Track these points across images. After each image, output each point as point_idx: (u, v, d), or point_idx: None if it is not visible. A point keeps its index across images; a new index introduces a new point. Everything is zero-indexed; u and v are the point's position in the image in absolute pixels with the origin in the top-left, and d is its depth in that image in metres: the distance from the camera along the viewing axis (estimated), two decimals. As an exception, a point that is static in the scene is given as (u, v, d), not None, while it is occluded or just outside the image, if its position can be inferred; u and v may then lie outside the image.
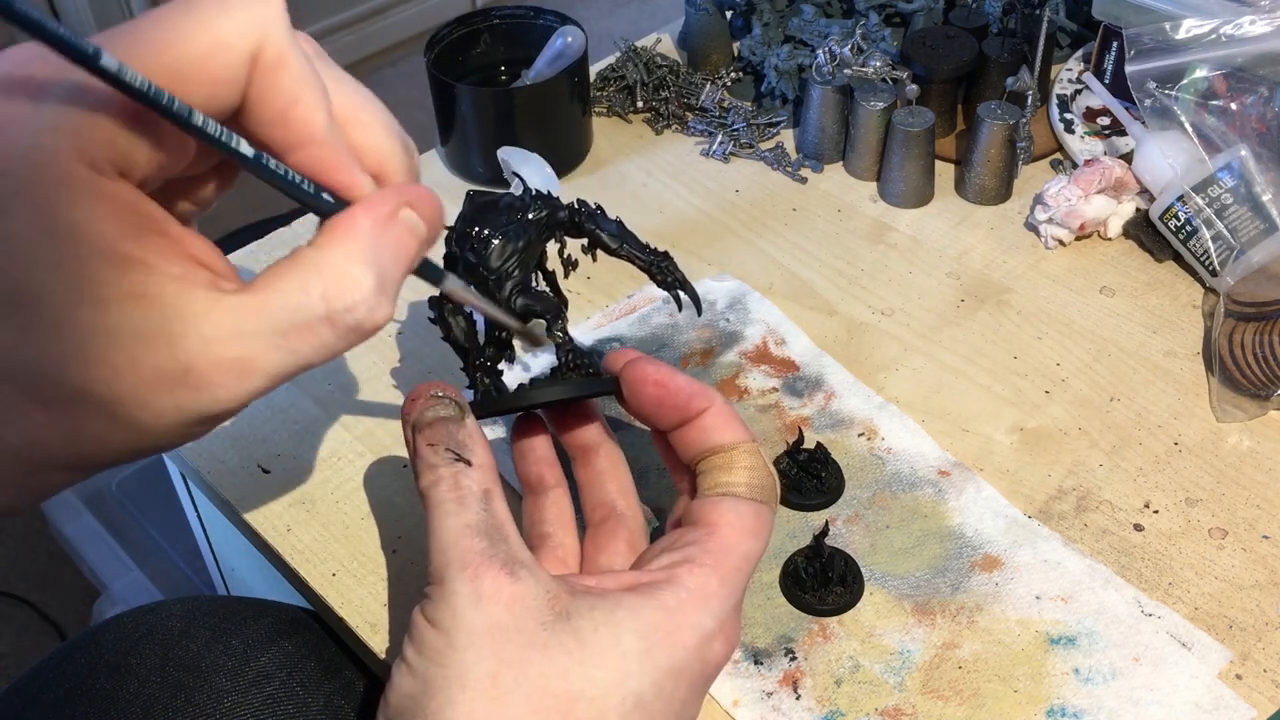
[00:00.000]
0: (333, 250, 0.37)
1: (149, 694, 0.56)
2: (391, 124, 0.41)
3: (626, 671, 0.41)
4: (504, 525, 0.44)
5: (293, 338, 0.36)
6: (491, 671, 0.40)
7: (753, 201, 0.81)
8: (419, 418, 0.47)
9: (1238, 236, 0.70)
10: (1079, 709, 0.53)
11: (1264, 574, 0.58)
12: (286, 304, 0.36)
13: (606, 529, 0.51)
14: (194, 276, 0.35)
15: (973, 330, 0.71)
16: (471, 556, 0.42)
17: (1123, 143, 0.80)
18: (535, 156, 0.72)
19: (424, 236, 0.40)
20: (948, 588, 0.58)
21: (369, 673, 0.60)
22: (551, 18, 0.85)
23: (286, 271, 0.36)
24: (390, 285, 0.38)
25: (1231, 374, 0.66)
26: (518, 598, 0.41)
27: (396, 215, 0.38)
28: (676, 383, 0.48)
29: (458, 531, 0.43)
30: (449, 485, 0.44)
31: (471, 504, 0.44)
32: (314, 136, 0.37)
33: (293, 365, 0.37)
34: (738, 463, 0.47)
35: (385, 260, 0.38)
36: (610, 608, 0.42)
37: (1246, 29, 0.74)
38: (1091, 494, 0.62)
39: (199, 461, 0.65)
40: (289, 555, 0.60)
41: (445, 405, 0.47)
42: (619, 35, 0.94)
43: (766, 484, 0.47)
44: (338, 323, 0.36)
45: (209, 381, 0.35)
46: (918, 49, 0.82)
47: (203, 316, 0.34)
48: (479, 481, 0.45)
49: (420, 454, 0.46)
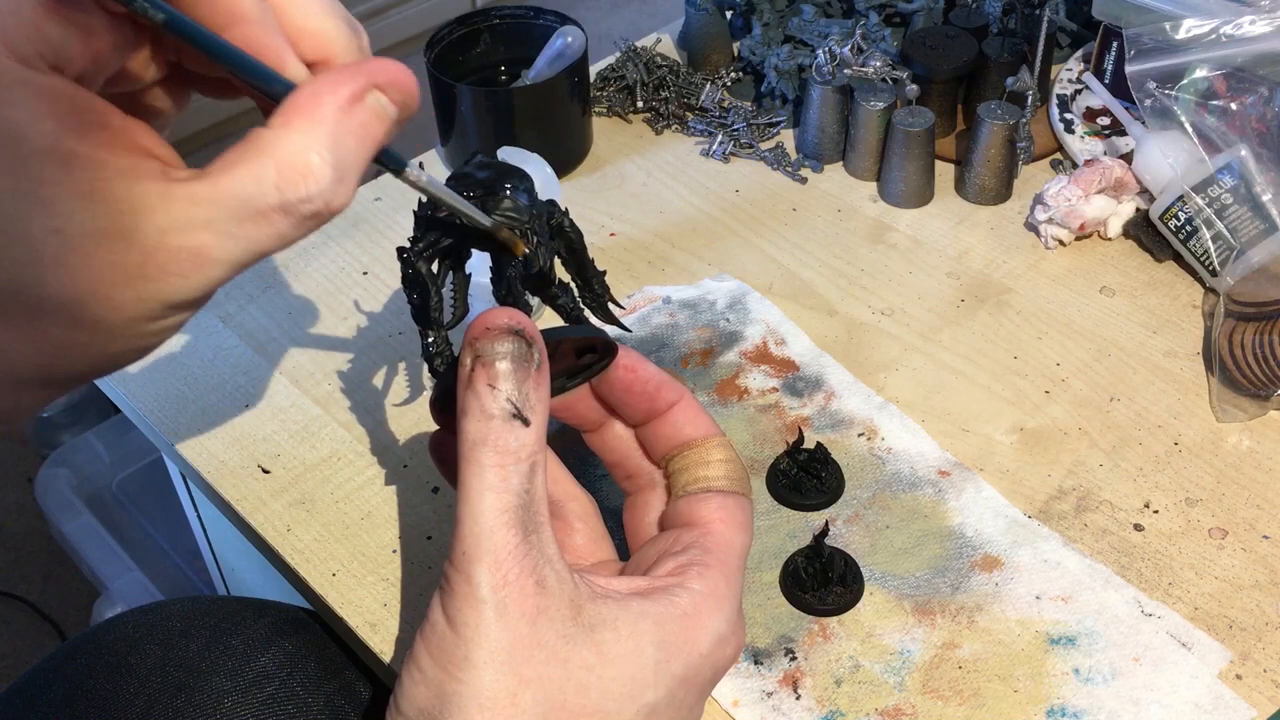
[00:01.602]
0: (290, 135, 0.35)
1: (149, 694, 0.56)
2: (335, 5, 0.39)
3: (644, 683, 0.40)
4: (540, 511, 0.40)
5: (248, 226, 0.34)
6: (511, 690, 0.39)
7: (753, 201, 0.81)
8: (490, 349, 0.40)
9: (1238, 236, 0.70)
10: (1079, 709, 0.53)
11: (1264, 574, 0.58)
12: (240, 192, 0.34)
13: (650, 497, 0.49)
14: (142, 168, 0.34)
15: (973, 330, 0.71)
16: (504, 554, 0.39)
17: (1123, 143, 0.80)
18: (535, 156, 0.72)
19: (393, 119, 0.37)
20: (948, 588, 0.58)
21: (369, 673, 0.60)
22: (551, 18, 0.85)
23: (241, 156, 0.34)
24: (351, 172, 0.36)
25: (1231, 374, 0.66)
26: (542, 610, 0.39)
27: (363, 98, 0.36)
28: (646, 370, 0.46)
29: (495, 515, 0.39)
30: (496, 448, 0.39)
31: (514, 478, 0.39)
32: (241, 13, 0.35)
33: (250, 253, 0.35)
34: (713, 456, 0.46)
35: (347, 147, 0.35)
36: (632, 619, 0.41)
37: (1246, 29, 0.74)
38: (1091, 494, 0.62)
39: (199, 461, 0.65)
40: (289, 555, 0.60)
41: (522, 345, 0.41)
42: (619, 35, 0.94)
43: (741, 475, 0.47)
44: (293, 211, 0.35)
45: (167, 271, 0.34)
46: (918, 49, 0.82)
47: (155, 208, 0.33)
48: (530, 448, 0.40)
49: (478, 392, 0.40)
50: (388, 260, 0.77)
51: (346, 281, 0.76)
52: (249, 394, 0.69)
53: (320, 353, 0.71)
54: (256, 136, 0.35)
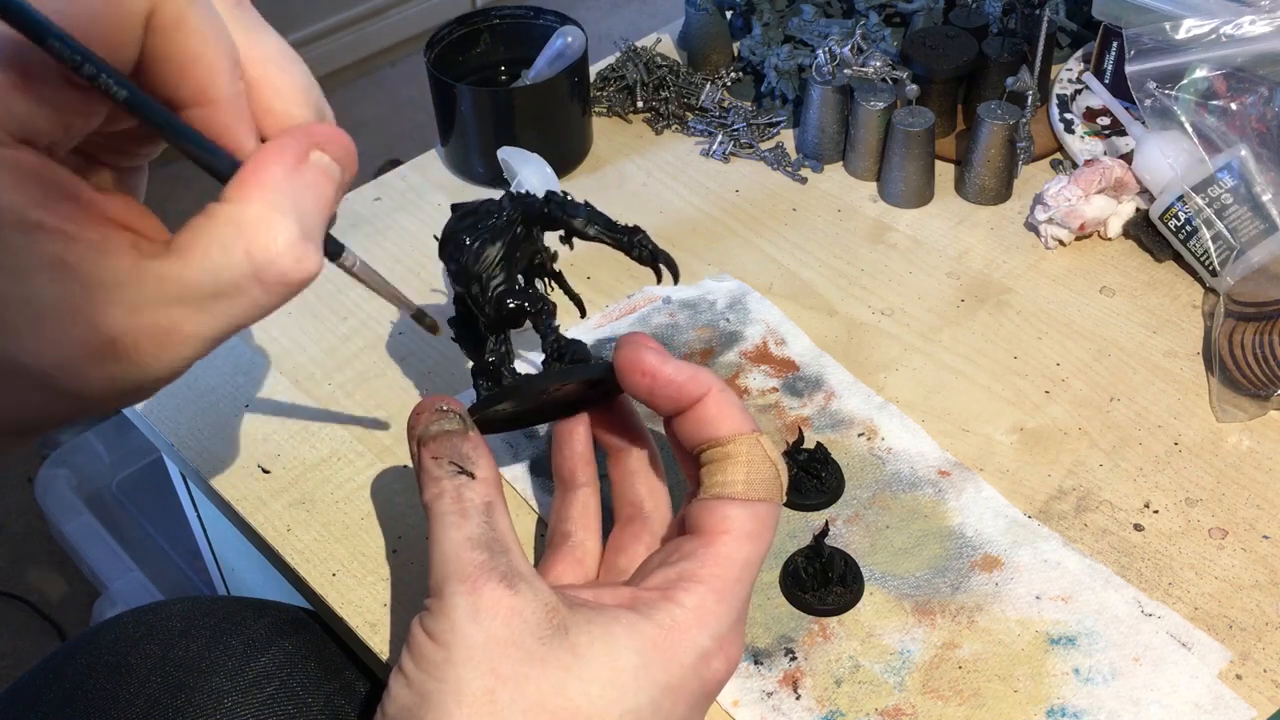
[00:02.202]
0: (249, 202, 0.35)
1: (149, 694, 0.56)
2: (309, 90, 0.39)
3: (624, 688, 0.41)
4: (505, 537, 0.44)
5: (221, 300, 0.34)
6: (488, 687, 0.40)
7: (753, 201, 0.81)
8: (424, 431, 0.47)
9: (1238, 236, 0.70)
10: (1079, 709, 0.53)
11: (1264, 574, 0.58)
12: (209, 266, 0.34)
13: (630, 531, 0.50)
14: (112, 242, 0.34)
15: (973, 330, 0.71)
16: (471, 569, 0.42)
17: (1123, 143, 0.80)
18: (535, 156, 0.72)
19: (339, 179, 0.37)
20: (948, 588, 0.58)
21: (369, 673, 0.60)
22: (551, 18, 0.85)
23: (205, 230, 0.34)
24: (314, 232, 0.36)
25: (1231, 374, 0.66)
26: (516, 611, 0.41)
27: (306, 158, 0.36)
28: (665, 373, 0.46)
29: (458, 544, 0.43)
30: (451, 498, 0.44)
31: (473, 516, 0.44)
32: (211, 96, 0.35)
33: (225, 327, 0.35)
34: (736, 457, 0.45)
35: (305, 206, 0.36)
36: (607, 623, 0.42)
37: (1246, 29, 0.74)
38: (1091, 494, 0.62)
39: (199, 461, 0.65)
40: (289, 555, 0.60)
41: (449, 419, 0.47)
42: (619, 35, 0.94)
43: (768, 478, 0.45)
44: (265, 279, 0.34)
45: (137, 351, 0.34)
46: (918, 49, 0.82)
47: (125, 284, 0.33)
48: (481, 494, 0.45)
49: (424, 467, 0.46)
50: (388, 260, 0.77)
51: (347, 281, 0.76)
52: (249, 394, 0.69)
53: (320, 353, 0.71)
54: (215, 210, 0.35)
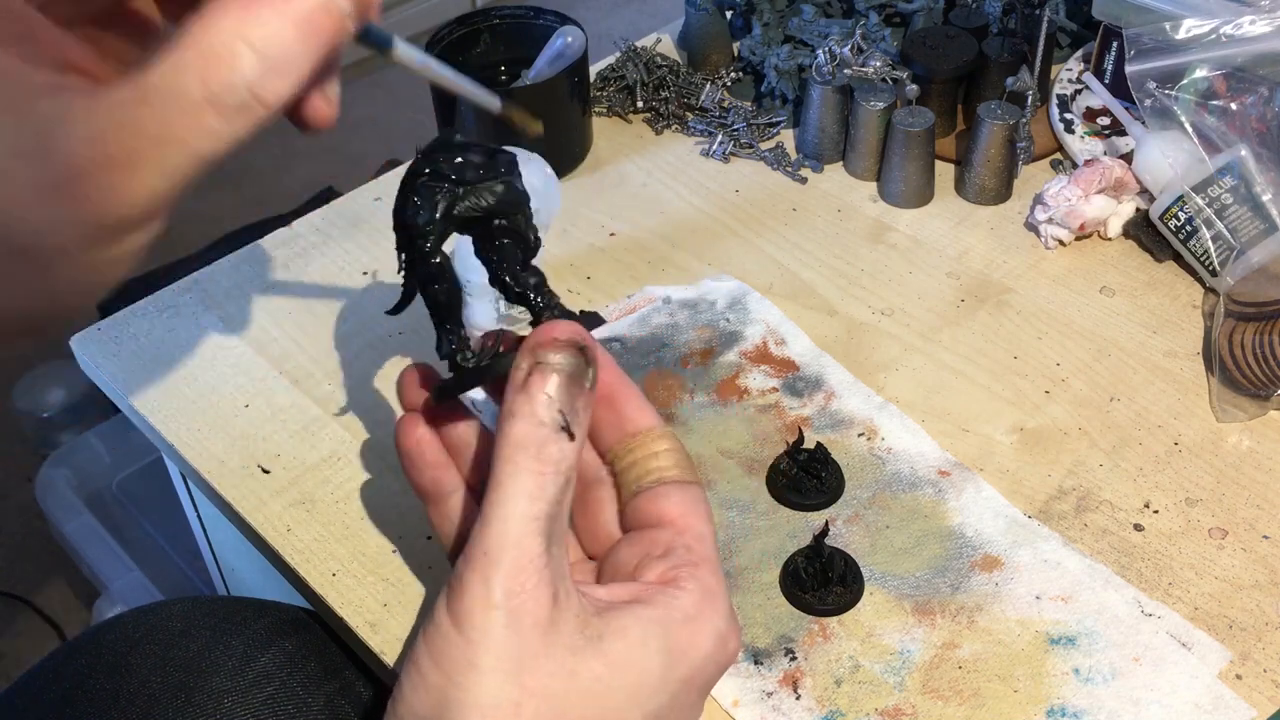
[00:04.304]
0: (217, 22, 0.32)
1: (149, 694, 0.56)
2: None
3: (650, 690, 0.40)
4: (564, 524, 0.40)
5: (175, 125, 0.32)
6: (515, 700, 0.38)
7: (753, 201, 0.81)
8: (553, 360, 0.40)
9: (1238, 236, 0.70)
10: (1079, 709, 0.53)
11: (1264, 574, 0.58)
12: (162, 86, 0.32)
13: (595, 496, 0.47)
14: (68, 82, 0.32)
15: (973, 330, 0.71)
16: (525, 562, 0.38)
17: (1123, 143, 0.80)
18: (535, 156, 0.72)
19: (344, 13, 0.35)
20: (948, 588, 0.58)
21: (369, 673, 0.60)
22: (551, 18, 0.85)
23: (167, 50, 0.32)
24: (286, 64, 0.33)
25: (1231, 374, 0.66)
26: (554, 623, 0.38)
27: None
28: None
29: (525, 521, 0.38)
30: (539, 455, 0.39)
31: (550, 488, 0.39)
32: None
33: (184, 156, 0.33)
34: (660, 447, 0.44)
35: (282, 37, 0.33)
36: (643, 625, 0.40)
37: (1246, 29, 0.74)
38: (1091, 494, 0.62)
39: (199, 461, 0.65)
40: (289, 555, 0.60)
41: (581, 362, 0.40)
42: (619, 35, 0.94)
43: (690, 464, 0.45)
44: (219, 104, 0.32)
45: (97, 185, 0.32)
46: (918, 49, 0.82)
47: (79, 120, 0.31)
48: (569, 461, 0.40)
49: (534, 398, 0.39)
50: (388, 260, 0.77)
51: (346, 281, 0.76)
52: (249, 394, 0.69)
53: (320, 353, 0.71)
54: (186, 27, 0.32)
